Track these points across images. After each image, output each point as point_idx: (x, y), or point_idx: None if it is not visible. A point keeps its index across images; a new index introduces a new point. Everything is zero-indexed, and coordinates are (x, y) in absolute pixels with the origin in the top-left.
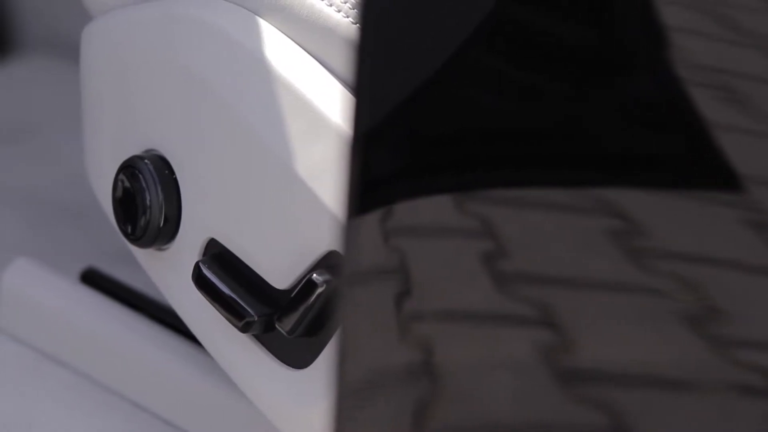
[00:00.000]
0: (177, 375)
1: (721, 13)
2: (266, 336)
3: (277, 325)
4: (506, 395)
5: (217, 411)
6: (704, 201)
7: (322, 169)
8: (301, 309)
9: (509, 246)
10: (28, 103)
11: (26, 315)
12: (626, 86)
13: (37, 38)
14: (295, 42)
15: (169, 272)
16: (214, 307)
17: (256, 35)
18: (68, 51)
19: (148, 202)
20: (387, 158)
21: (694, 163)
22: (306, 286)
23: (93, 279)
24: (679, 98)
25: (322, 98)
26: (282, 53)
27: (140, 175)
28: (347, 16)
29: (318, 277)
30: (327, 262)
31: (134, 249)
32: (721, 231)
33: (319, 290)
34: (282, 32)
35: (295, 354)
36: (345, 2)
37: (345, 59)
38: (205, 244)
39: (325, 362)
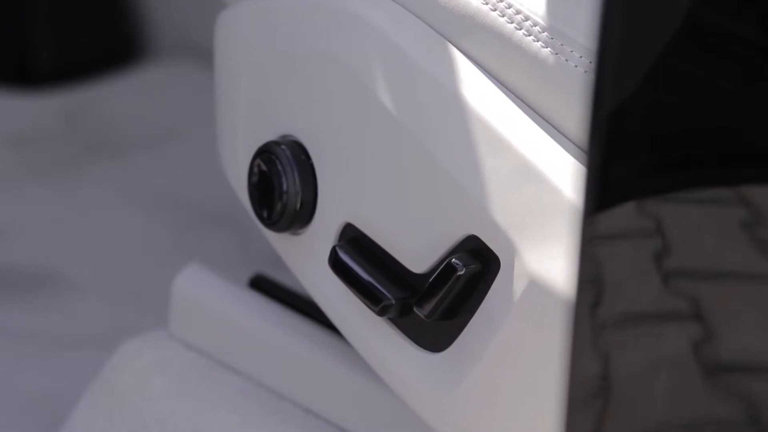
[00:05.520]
0: (351, 382)
1: None
2: (402, 320)
3: (415, 309)
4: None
5: (391, 417)
6: None
7: (461, 152)
8: (441, 293)
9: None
10: (165, 108)
11: (198, 321)
12: None
13: (171, 43)
14: (436, 31)
15: (304, 257)
16: (351, 291)
17: (401, 26)
18: (201, 56)
19: (284, 187)
20: (623, 162)
21: None
22: (445, 270)
23: (262, 285)
24: None
25: (463, 85)
26: (418, 38)
27: (277, 160)
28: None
29: (457, 262)
30: (465, 247)
31: (269, 234)
32: None
33: (458, 274)
34: (421, 19)
35: (432, 337)
36: (519, 14)
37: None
38: (341, 229)
39: (461, 345)
